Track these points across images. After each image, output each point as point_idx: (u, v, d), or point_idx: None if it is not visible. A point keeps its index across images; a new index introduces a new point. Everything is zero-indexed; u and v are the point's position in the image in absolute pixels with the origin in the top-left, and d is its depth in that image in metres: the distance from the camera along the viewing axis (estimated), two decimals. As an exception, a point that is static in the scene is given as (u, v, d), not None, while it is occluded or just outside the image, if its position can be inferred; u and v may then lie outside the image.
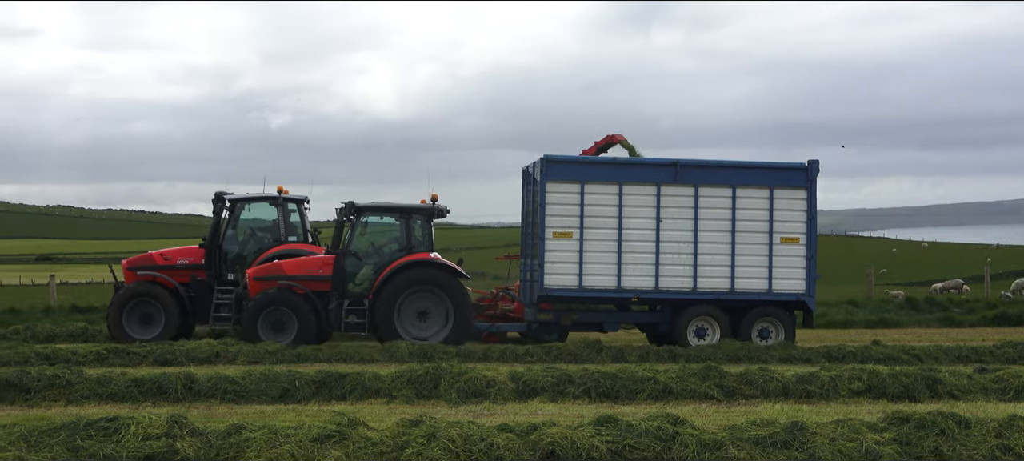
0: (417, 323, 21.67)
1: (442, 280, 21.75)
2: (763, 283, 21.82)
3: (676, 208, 21.66)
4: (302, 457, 9.26)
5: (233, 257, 23.30)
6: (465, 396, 14.01)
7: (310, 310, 21.35)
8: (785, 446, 9.71)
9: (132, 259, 23.69)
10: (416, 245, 22.19)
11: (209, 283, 22.83)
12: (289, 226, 23.85)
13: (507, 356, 19.12)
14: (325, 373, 14.86)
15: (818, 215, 22.17)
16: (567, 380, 14.56)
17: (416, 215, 22.34)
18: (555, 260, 21.49)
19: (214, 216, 23.43)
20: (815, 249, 22.00)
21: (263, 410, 13.07)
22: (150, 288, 22.43)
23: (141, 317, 22.24)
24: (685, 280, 21.67)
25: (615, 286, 21.61)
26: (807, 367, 17.08)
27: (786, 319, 21.87)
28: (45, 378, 14.33)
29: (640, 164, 22.51)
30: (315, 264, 22.11)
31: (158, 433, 9.64)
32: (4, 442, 9.45)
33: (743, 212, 21.78)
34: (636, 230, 21.58)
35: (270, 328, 21.27)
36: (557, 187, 21.52)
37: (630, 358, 18.86)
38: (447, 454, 9.31)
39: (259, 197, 23.90)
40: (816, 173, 22.01)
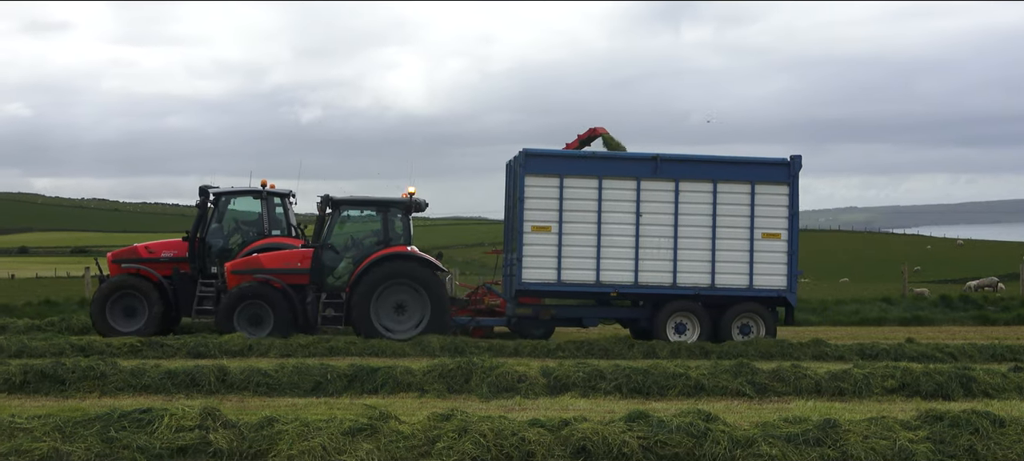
0: (394, 317, 21.58)
1: (419, 274, 21.66)
2: (744, 279, 21.64)
3: (656, 203, 21.50)
4: (334, 450, 9.29)
5: (218, 250, 23.24)
6: (496, 391, 14.02)
7: (286, 304, 21.37)
8: (818, 444, 9.66)
9: (117, 252, 23.71)
10: (394, 238, 22.13)
11: (193, 276, 22.79)
12: (273, 220, 23.84)
13: (538, 351, 19.11)
14: (357, 367, 14.90)
15: (852, 212, 22.00)
16: (598, 375, 14.54)
17: (394, 208, 22.27)
18: (534, 254, 21.35)
19: (198, 209, 23.38)
20: (797, 245, 21.83)
21: (295, 403, 13.12)
22: (134, 281, 22.43)
23: (124, 309, 22.23)
24: (665, 275, 21.52)
25: (594, 281, 21.46)
26: (840, 364, 17.00)
27: (767, 316, 21.73)
28: (80, 369, 14.46)
29: (620, 158, 22.38)
30: (293, 258, 22.15)
31: (191, 425, 9.70)
32: (40, 432, 9.54)
33: (724, 207, 21.60)
34: (616, 224, 21.44)
35: (247, 321, 21.31)
36: (536, 181, 21.39)
37: (662, 354, 18.82)
38: (478, 448, 9.32)
39: (243, 191, 23.85)
40: (798, 168, 21.82)
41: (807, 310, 30.19)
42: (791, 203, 21.73)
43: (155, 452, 9.25)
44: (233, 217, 23.89)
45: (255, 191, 23.70)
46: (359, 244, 22.47)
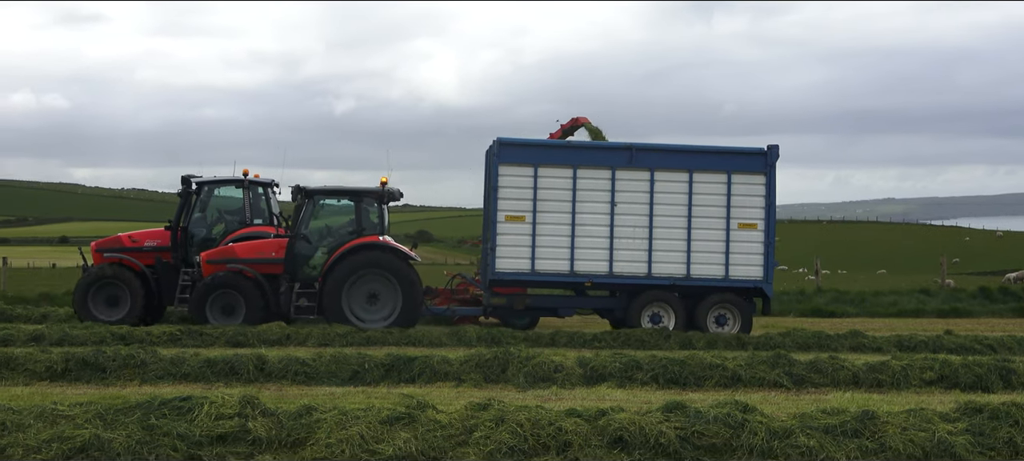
0: (366, 306, 21.58)
1: (390, 263, 21.61)
2: (719, 269, 21.53)
3: (631, 192, 21.43)
4: (372, 439, 9.31)
5: (200, 240, 23.22)
6: (533, 381, 14.03)
7: (258, 293, 21.40)
8: (856, 435, 9.60)
9: (101, 241, 23.70)
10: (368, 228, 22.06)
11: (175, 265, 22.78)
12: (256, 209, 23.81)
13: (575, 342, 19.11)
14: (394, 356, 14.95)
15: (890, 203, 21.83)
16: (635, 366, 14.52)
17: (367, 198, 22.18)
18: (507, 244, 21.33)
19: (181, 198, 23.38)
20: (773, 236, 21.73)
21: (333, 392, 13.17)
22: (116, 270, 22.45)
23: (107, 298, 22.30)
24: (640, 265, 21.45)
25: (568, 271, 21.42)
26: (878, 356, 16.91)
27: (743, 306, 21.65)
28: (120, 358, 14.58)
29: (595, 148, 22.36)
30: (268, 247, 22.17)
31: (231, 413, 9.74)
32: (81, 419, 9.61)
33: (700, 197, 21.49)
34: (590, 214, 21.37)
35: (219, 311, 21.37)
36: (510, 170, 21.32)
37: (698, 345, 18.76)
38: (515, 438, 9.31)
39: (226, 180, 23.82)
40: (775, 158, 21.67)
41: (845, 301, 30.08)
42: (768, 193, 21.61)
43: (195, 439, 9.29)
44: (216, 206, 23.89)
45: (237, 180, 23.70)
46: (334, 234, 22.47)
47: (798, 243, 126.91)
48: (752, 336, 19.81)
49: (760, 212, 21.55)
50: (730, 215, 21.44)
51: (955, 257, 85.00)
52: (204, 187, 23.60)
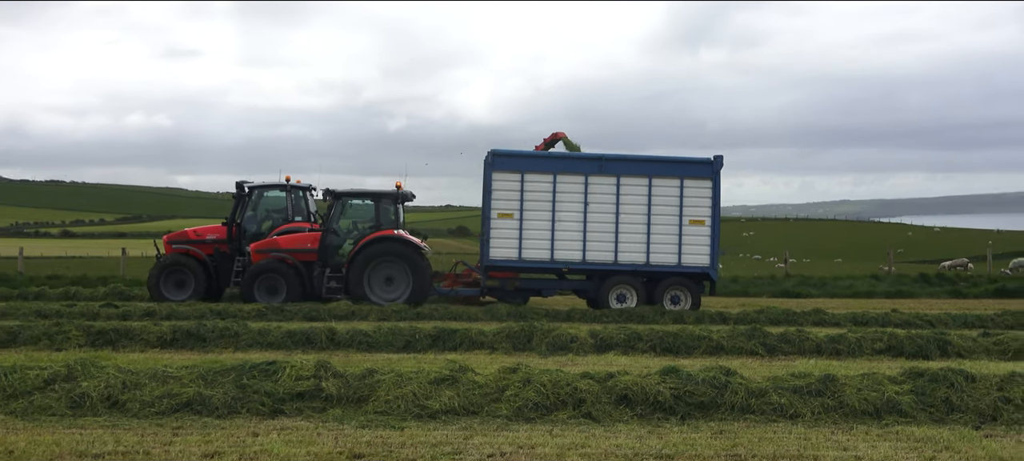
0: (384, 287, 21.67)
1: (402, 252, 21.72)
2: (673, 257, 21.50)
3: (601, 195, 21.46)
4: (422, 395, 9.35)
5: (251, 234, 23.22)
6: (553, 349, 14.03)
7: (296, 276, 21.58)
8: (819, 394, 9.58)
9: (171, 234, 23.80)
10: (385, 223, 22.22)
11: (231, 255, 22.89)
12: (296, 209, 23.85)
13: (587, 317, 19.09)
14: (439, 328, 14.97)
15: (846, 204, 21.74)
16: (636, 337, 14.50)
17: (385, 199, 22.36)
18: (499, 236, 21.43)
19: (235, 200, 23.42)
20: (718, 230, 21.63)
21: (390, 358, 13.20)
22: (183, 259, 22.52)
23: (176, 282, 22.32)
24: (608, 254, 21.50)
25: (549, 258, 21.50)
26: (837, 329, 16.82)
27: (693, 288, 21.58)
28: (218, 329, 14.67)
29: (571, 158, 22.28)
30: (305, 239, 22.30)
31: (308, 375, 9.80)
32: (187, 379, 9.68)
33: (657, 198, 21.47)
34: (567, 212, 21.42)
35: (265, 291, 21.51)
36: (501, 176, 21.44)
37: (688, 320, 18.71)
38: (539, 395, 9.33)
39: (272, 185, 23.89)
40: (720, 166, 21.64)
41: (809, 285, 29.91)
42: (714, 195, 21.56)
43: (279, 396, 9.35)
44: (264, 206, 23.85)
45: (281, 185, 23.81)
46: (358, 228, 22.58)
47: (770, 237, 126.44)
48: (731, 313, 19.73)
49: (707, 210, 21.54)
50: (682, 213, 21.46)
51: (900, 248, 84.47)
52: (254, 190, 23.65)
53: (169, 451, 7.61)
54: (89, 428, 8.42)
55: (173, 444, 7.84)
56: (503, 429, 8.61)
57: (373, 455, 7.59)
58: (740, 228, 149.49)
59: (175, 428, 8.46)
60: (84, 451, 7.57)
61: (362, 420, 8.83)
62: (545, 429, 8.64)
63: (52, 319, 16.38)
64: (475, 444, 7.99)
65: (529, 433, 8.46)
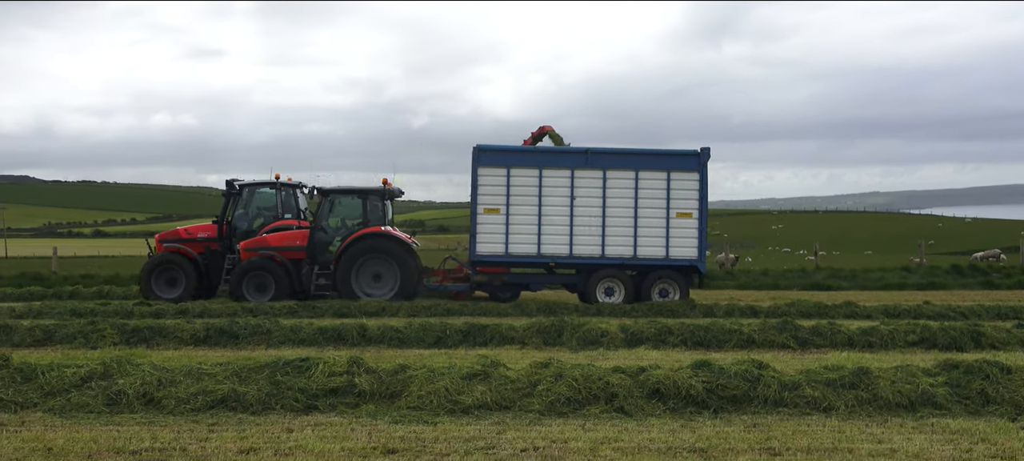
0: (372, 284, 21.65)
1: (389, 248, 21.66)
2: (661, 250, 21.39)
3: (587, 188, 21.36)
4: (455, 391, 9.37)
5: (242, 232, 23.20)
6: (583, 344, 14.02)
7: (285, 274, 21.54)
8: (853, 387, 9.52)
9: (163, 233, 23.82)
10: (373, 220, 22.15)
11: (221, 252, 22.90)
12: (285, 206, 23.79)
13: (616, 312, 19.04)
14: (470, 324, 14.98)
15: (875, 196, 21.59)
16: (667, 331, 14.46)
17: (372, 195, 22.26)
18: (486, 231, 21.39)
19: (224, 198, 23.44)
20: (705, 222, 21.49)
21: (421, 354, 13.23)
22: (174, 257, 22.54)
23: (167, 280, 22.38)
24: (595, 248, 21.41)
25: (536, 253, 21.40)
26: (869, 322, 16.70)
27: (681, 281, 21.46)
28: (250, 327, 14.75)
29: (557, 152, 22.11)
30: (294, 237, 22.28)
31: (340, 371, 9.84)
32: (221, 376, 9.75)
33: (644, 191, 21.35)
34: (554, 206, 21.35)
35: (254, 289, 21.51)
36: (487, 171, 21.37)
37: (718, 314, 18.64)
38: (571, 390, 9.33)
39: (262, 183, 23.83)
40: (707, 158, 21.47)
41: (840, 277, 29.74)
42: (701, 187, 21.42)
43: (312, 392, 9.40)
44: (254, 204, 23.82)
45: (271, 183, 23.77)
46: (345, 225, 22.53)
47: (799, 230, 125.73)
48: (762, 306, 19.65)
49: (695, 203, 21.41)
50: (669, 206, 21.36)
51: (931, 240, 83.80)
52: (244, 189, 23.65)
53: (205, 447, 7.67)
54: (126, 425, 8.50)
55: (209, 440, 7.90)
56: (536, 423, 8.62)
57: (407, 450, 7.61)
58: (769, 221, 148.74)
59: (210, 424, 8.53)
60: (121, 447, 7.64)
61: (395, 415, 8.86)
62: (577, 423, 8.64)
63: (87, 318, 16.54)
64: (508, 439, 8.00)
65: (562, 427, 8.46)
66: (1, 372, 9.82)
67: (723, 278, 30.09)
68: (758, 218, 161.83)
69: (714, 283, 28.67)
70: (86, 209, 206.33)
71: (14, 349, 13.47)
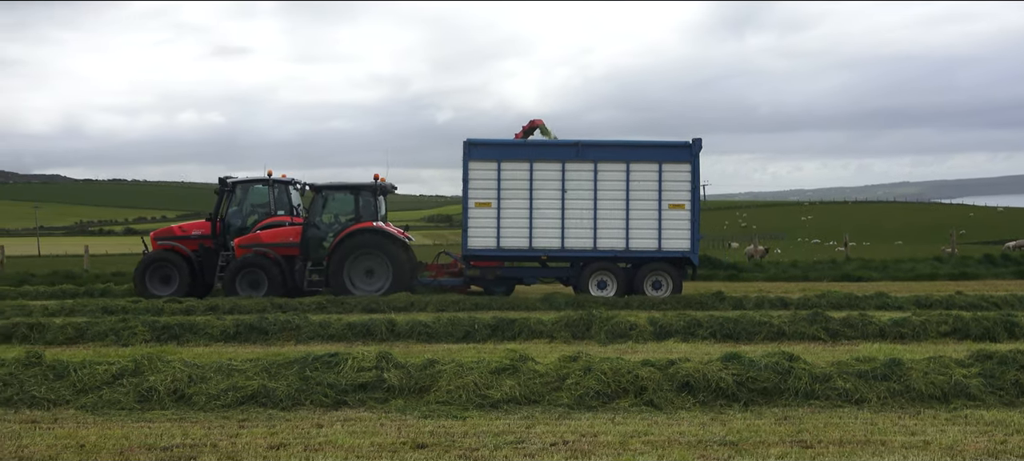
0: (365, 279, 21.64)
1: (380, 244, 21.62)
2: (653, 243, 21.25)
3: (578, 181, 21.26)
4: (483, 385, 9.36)
5: (235, 229, 23.19)
6: (612, 337, 13.96)
7: (278, 270, 21.57)
8: (885, 378, 9.43)
9: (158, 231, 23.89)
10: (365, 216, 22.11)
11: (215, 250, 22.94)
12: (278, 203, 23.72)
13: (645, 305, 19.00)
14: (498, 318, 14.97)
15: (905, 186, 21.37)
16: (696, 324, 14.39)
17: (365, 191, 22.21)
18: (477, 226, 21.35)
19: (218, 196, 23.41)
20: (698, 214, 21.37)
21: (450, 348, 13.23)
22: (168, 255, 22.62)
23: (162, 278, 22.46)
24: (586, 241, 21.30)
25: (527, 247, 21.34)
26: (900, 313, 16.56)
27: (674, 273, 21.32)
28: (279, 323, 14.80)
29: (548, 145, 22.00)
30: (287, 234, 22.30)
31: (370, 366, 9.85)
32: (251, 372, 9.80)
33: (636, 183, 21.22)
34: (545, 200, 21.26)
35: (247, 285, 21.56)
36: (478, 165, 21.33)
37: (748, 306, 18.54)
38: (600, 384, 9.30)
39: (255, 180, 23.77)
40: (699, 150, 21.31)
41: (870, 268, 29.52)
42: (693, 178, 21.31)
43: (342, 387, 9.41)
44: (247, 201, 23.80)
45: (264, 180, 23.71)
46: (338, 221, 22.48)
47: (829, 221, 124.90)
48: (792, 298, 19.51)
49: (687, 194, 21.29)
50: (661, 198, 21.23)
51: (962, 230, 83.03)
52: (237, 186, 23.64)
53: (235, 443, 7.69)
54: (157, 421, 8.55)
55: (239, 436, 7.93)
56: (565, 418, 8.60)
57: (436, 445, 7.61)
58: (798, 212, 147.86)
59: (241, 420, 8.56)
60: (153, 444, 7.69)
61: (424, 410, 8.86)
62: (607, 417, 8.60)
63: (118, 315, 16.66)
64: (537, 433, 7.98)
65: (591, 421, 8.43)
66: (34, 370, 9.91)
67: (752, 270, 29.94)
68: (787, 209, 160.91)
69: (743, 275, 28.52)
70: (117, 207, 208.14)
71: (47, 347, 13.59)
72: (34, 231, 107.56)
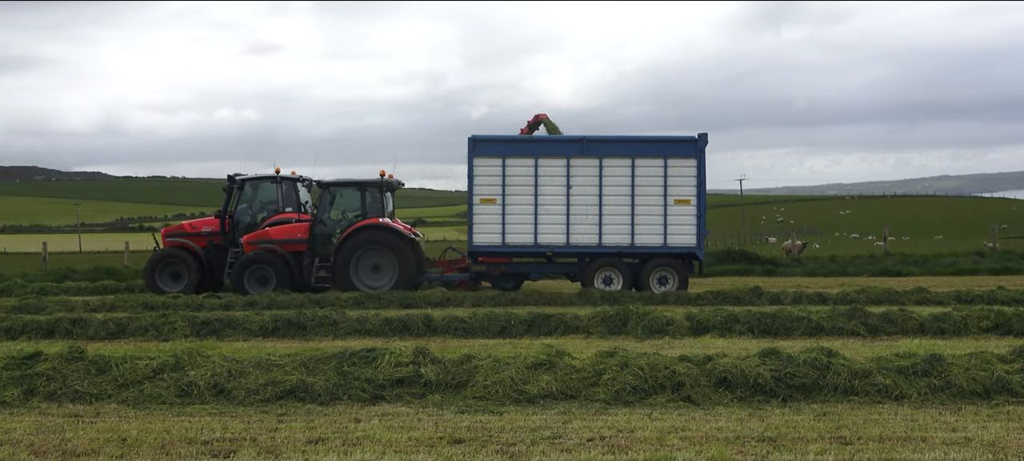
0: (371, 275, 21.68)
1: (386, 240, 21.65)
2: (659, 238, 21.17)
3: (583, 177, 21.23)
4: (520, 380, 9.36)
5: (244, 226, 23.32)
6: (649, 332, 13.92)
7: (285, 267, 21.67)
8: (925, 374, 9.33)
9: (168, 227, 24.14)
10: (371, 212, 22.15)
11: (224, 246, 23.07)
12: (286, 200, 23.79)
13: (681, 300, 18.93)
14: (534, 313, 14.97)
15: (945, 180, 21.11)
16: (733, 319, 14.31)
17: (370, 188, 22.26)
18: (482, 221, 21.36)
19: (226, 193, 23.51)
20: (704, 209, 21.22)
21: (486, 343, 13.25)
22: (177, 251, 22.79)
23: (171, 274, 22.64)
24: (591, 237, 21.27)
25: (532, 243, 21.31)
26: (941, 308, 16.37)
27: (680, 269, 21.24)
28: (317, 318, 14.90)
29: (552, 141, 21.94)
30: (295, 230, 22.43)
31: (407, 361, 9.88)
32: (289, 367, 9.86)
33: (641, 178, 21.16)
34: (550, 196, 21.24)
35: (255, 282, 21.69)
36: (483, 161, 21.35)
37: (785, 301, 18.42)
38: (637, 379, 9.27)
39: (262, 177, 23.85)
40: (705, 144, 21.18)
41: (910, 263, 29.23)
42: (699, 173, 21.17)
43: (379, 382, 9.45)
44: (255, 199, 23.90)
45: (271, 177, 23.81)
46: (345, 217, 22.58)
47: (867, 215, 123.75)
48: (830, 293, 19.35)
49: (693, 189, 21.19)
50: (667, 193, 21.15)
51: (1003, 224, 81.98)
52: (246, 182, 23.77)
53: (275, 437, 7.75)
54: (197, 415, 8.63)
55: (278, 430, 7.99)
56: (602, 413, 8.58)
57: (473, 440, 7.62)
58: (837, 207, 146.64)
59: (280, 415, 8.62)
60: (193, 438, 7.76)
61: (461, 405, 8.88)
62: (644, 412, 8.58)
63: (158, 310, 16.85)
64: (574, 428, 7.97)
65: (628, 417, 8.41)
66: (76, 364, 10.03)
67: (790, 265, 29.73)
68: (825, 204, 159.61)
69: (781, 270, 28.34)
70: (157, 204, 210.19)
71: (89, 342, 13.76)
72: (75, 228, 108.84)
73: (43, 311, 17.63)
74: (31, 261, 42.31)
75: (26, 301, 19.58)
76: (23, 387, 9.53)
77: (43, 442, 7.68)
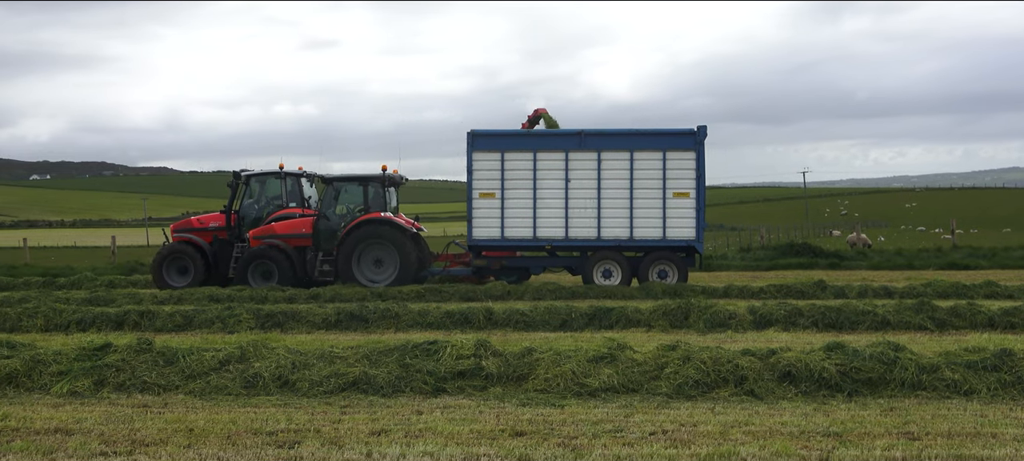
0: (374, 269, 21.67)
1: (387, 234, 21.58)
2: (658, 232, 20.96)
3: (582, 170, 21.07)
4: (581, 374, 9.34)
5: (249, 221, 23.36)
6: (711, 326, 13.83)
7: (288, 261, 21.70)
8: (995, 369, 9.14)
9: (177, 223, 24.24)
10: (374, 207, 22.09)
11: (230, 241, 23.13)
12: (291, 195, 23.85)
13: (744, 293, 18.75)
14: (595, 307, 14.93)
15: (1015, 171, 20.71)
16: (797, 313, 14.15)
17: (374, 182, 22.21)
18: (481, 216, 21.32)
19: (231, 189, 23.60)
20: (703, 202, 20.91)
21: (547, 337, 13.24)
22: (183, 247, 22.88)
23: (178, 269, 22.75)
24: (590, 230, 21.11)
25: (531, 236, 21.21)
26: (1011, 302, 16.04)
27: (680, 262, 21.01)
28: (379, 311, 15.01)
29: (551, 134, 21.80)
30: (300, 225, 22.47)
31: (468, 354, 9.92)
32: (352, 359, 9.95)
33: (640, 172, 20.95)
34: (548, 190, 21.11)
35: (259, 276, 21.80)
36: (482, 156, 21.28)
37: (850, 295, 18.16)
38: (700, 373, 9.20)
39: (267, 173, 23.91)
40: (704, 137, 20.87)
41: (978, 256, 28.68)
42: (698, 166, 20.92)
43: (441, 375, 9.50)
44: (260, 194, 23.95)
45: (276, 173, 23.89)
46: (348, 211, 22.56)
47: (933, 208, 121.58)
48: (896, 287, 19.04)
49: (692, 182, 20.97)
50: (666, 186, 20.93)
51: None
52: (252, 178, 23.86)
53: (338, 428, 7.82)
54: (262, 406, 8.75)
55: (341, 422, 8.06)
56: (664, 406, 8.54)
57: (535, 433, 7.62)
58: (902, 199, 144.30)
59: (343, 406, 8.70)
60: (258, 428, 7.86)
61: (522, 398, 8.89)
62: (706, 407, 8.52)
63: (224, 303, 17.09)
64: (636, 422, 7.94)
65: (690, 411, 8.35)
66: (145, 356, 10.21)
67: (855, 259, 29.32)
68: (891, 196, 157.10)
69: (846, 264, 27.96)
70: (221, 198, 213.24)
71: (156, 334, 14.02)
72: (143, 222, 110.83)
73: (112, 303, 17.97)
74: (100, 255, 43.16)
75: (96, 294, 20.00)
76: (94, 378, 9.73)
77: (113, 431, 7.83)
